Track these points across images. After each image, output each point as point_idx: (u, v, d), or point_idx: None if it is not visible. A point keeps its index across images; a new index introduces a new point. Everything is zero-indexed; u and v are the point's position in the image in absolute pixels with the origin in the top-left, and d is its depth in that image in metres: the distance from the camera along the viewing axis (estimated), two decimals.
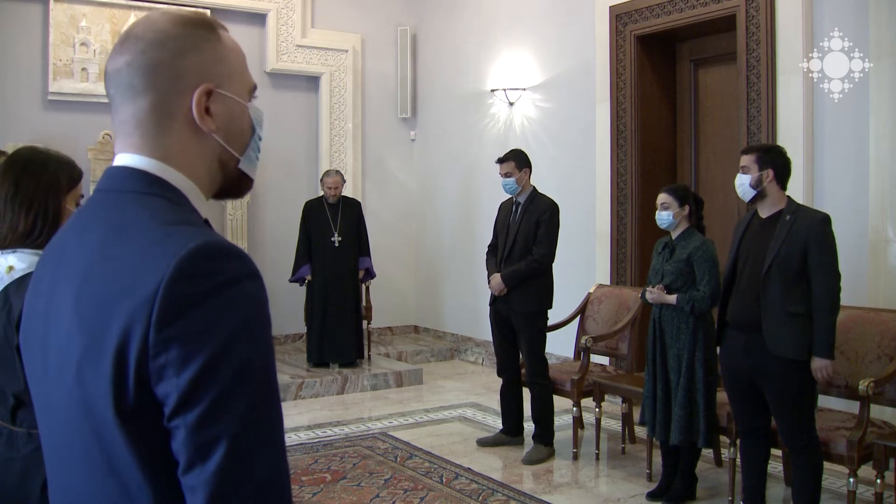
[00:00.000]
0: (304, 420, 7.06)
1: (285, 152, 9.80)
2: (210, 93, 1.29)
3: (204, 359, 1.08)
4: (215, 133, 1.31)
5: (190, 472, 1.09)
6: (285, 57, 9.71)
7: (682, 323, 4.93)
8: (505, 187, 6.05)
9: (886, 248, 5.60)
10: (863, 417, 4.45)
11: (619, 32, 7.58)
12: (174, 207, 1.24)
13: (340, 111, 10.09)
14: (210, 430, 1.08)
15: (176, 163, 1.28)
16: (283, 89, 9.86)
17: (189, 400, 1.08)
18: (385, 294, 9.93)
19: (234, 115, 1.35)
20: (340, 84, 10.08)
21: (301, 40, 9.78)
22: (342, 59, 10.07)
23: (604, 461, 6.00)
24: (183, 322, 1.09)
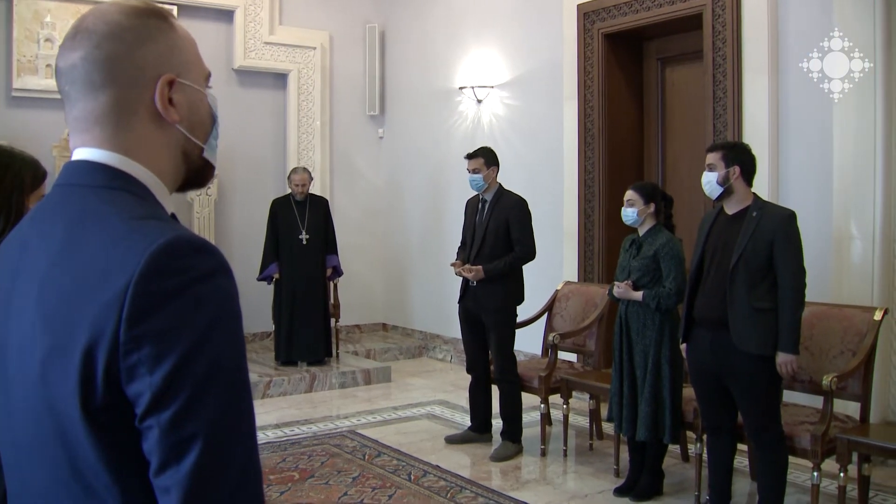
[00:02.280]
0: (272, 419, 7.02)
1: (253, 150, 9.75)
2: (172, 83, 1.27)
3: (178, 356, 1.06)
4: (179, 123, 1.29)
5: (163, 473, 1.07)
6: (253, 54, 9.65)
7: (649, 319, 4.96)
8: (471, 183, 6.05)
9: (850, 245, 5.66)
10: (826, 412, 4.50)
11: (587, 31, 7.61)
12: (139, 202, 1.21)
13: (308, 109, 10.05)
14: (185, 428, 1.06)
15: (139, 156, 1.26)
16: (250, 87, 9.80)
17: (163, 398, 1.06)
18: (353, 292, 9.90)
19: (195, 103, 1.33)
20: (308, 81, 10.04)
21: (269, 37, 9.72)
22: (310, 57, 10.02)
23: (571, 457, 6.01)
24: (155, 319, 1.07)
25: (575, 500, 5.14)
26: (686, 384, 4.93)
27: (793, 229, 4.32)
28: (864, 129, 5.57)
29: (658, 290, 4.91)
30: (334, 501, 5.05)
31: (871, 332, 4.78)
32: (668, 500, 5.09)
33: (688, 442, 5.60)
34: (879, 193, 5.52)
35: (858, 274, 5.60)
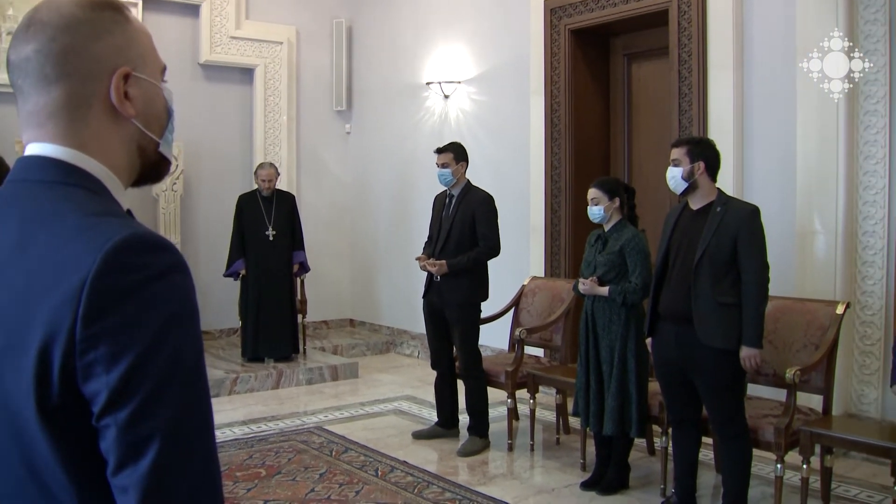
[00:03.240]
0: (238, 415, 6.99)
1: (219, 145, 9.69)
2: (127, 76, 1.25)
3: (134, 355, 1.05)
4: (135, 118, 1.27)
5: (121, 472, 1.06)
6: (219, 49, 9.58)
7: (614, 314, 4.98)
8: (440, 178, 6.05)
9: (813, 240, 5.71)
10: (789, 405, 4.54)
11: (554, 26, 7.63)
12: (94, 198, 1.19)
13: (275, 104, 10.00)
14: (142, 427, 1.05)
15: (94, 151, 1.23)
16: (216, 81, 9.73)
17: (120, 397, 1.04)
18: (320, 288, 9.87)
19: (151, 98, 1.31)
20: (275, 76, 9.98)
21: (235, 32, 9.65)
22: (277, 52, 9.97)
23: (538, 452, 6.04)
24: (111, 317, 1.05)
25: (542, 494, 5.16)
26: (652, 378, 4.96)
27: (756, 224, 4.36)
28: (827, 126, 5.62)
29: (624, 286, 4.93)
30: (301, 498, 5.03)
31: (834, 325, 4.83)
32: (634, 494, 5.11)
33: (653, 435, 5.64)
34: (842, 189, 5.58)
35: (821, 269, 5.66)
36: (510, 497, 5.06)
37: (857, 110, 5.57)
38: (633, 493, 5.12)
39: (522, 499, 5.05)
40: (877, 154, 5.50)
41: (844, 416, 5.49)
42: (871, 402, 5.54)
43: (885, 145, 5.46)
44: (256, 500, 4.97)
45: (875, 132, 5.51)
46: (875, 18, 5.51)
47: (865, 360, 5.57)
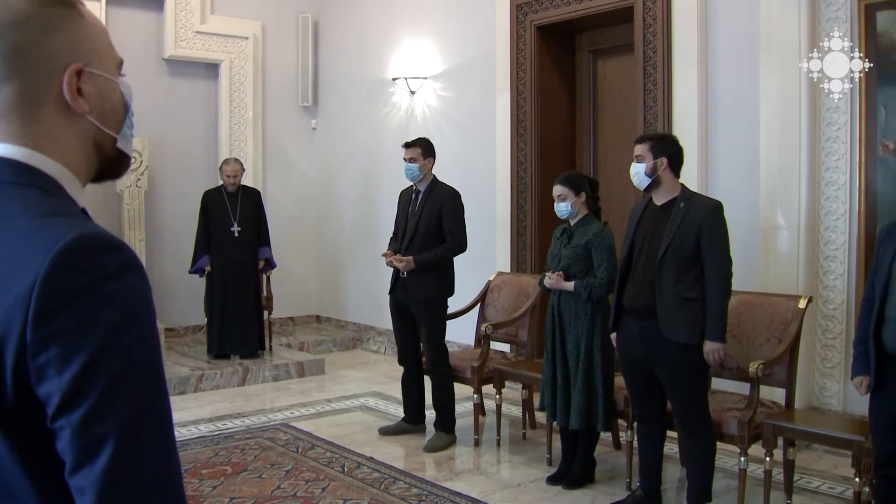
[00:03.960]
0: (204, 413, 6.95)
1: (184, 141, 9.62)
2: (80, 72, 1.23)
3: (86, 356, 1.03)
4: (89, 114, 1.24)
5: (77, 473, 1.05)
6: (184, 43, 9.51)
7: (580, 309, 5.00)
8: (406, 172, 6.04)
9: (776, 235, 5.77)
10: (753, 398, 4.58)
11: (520, 22, 7.64)
12: (48, 198, 1.17)
13: (240, 99, 9.94)
14: (96, 428, 1.04)
15: (48, 150, 1.21)
16: (181, 76, 9.66)
17: (73, 399, 1.03)
18: (286, 284, 9.83)
19: (106, 93, 1.28)
20: (240, 72, 9.93)
21: (200, 27, 9.58)
22: (242, 47, 9.91)
23: (505, 447, 6.05)
24: (62, 319, 1.04)
25: (508, 489, 5.17)
26: (617, 373, 4.98)
27: (720, 220, 4.39)
28: (790, 122, 5.68)
29: (589, 280, 4.95)
30: (267, 495, 5.01)
31: (796, 319, 4.88)
32: (599, 488, 5.14)
33: (619, 430, 5.67)
34: (804, 184, 5.63)
35: (784, 263, 5.72)
36: (476, 492, 5.07)
37: (819, 107, 5.63)
38: (598, 487, 5.14)
39: (489, 494, 5.05)
40: (838, 150, 5.56)
41: (807, 409, 5.55)
42: (833, 395, 5.61)
43: (846, 141, 5.52)
44: (222, 497, 4.94)
45: (837, 129, 5.56)
46: (837, 16, 5.56)
47: (827, 354, 5.63)
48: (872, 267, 3.88)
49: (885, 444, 3.74)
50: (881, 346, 3.70)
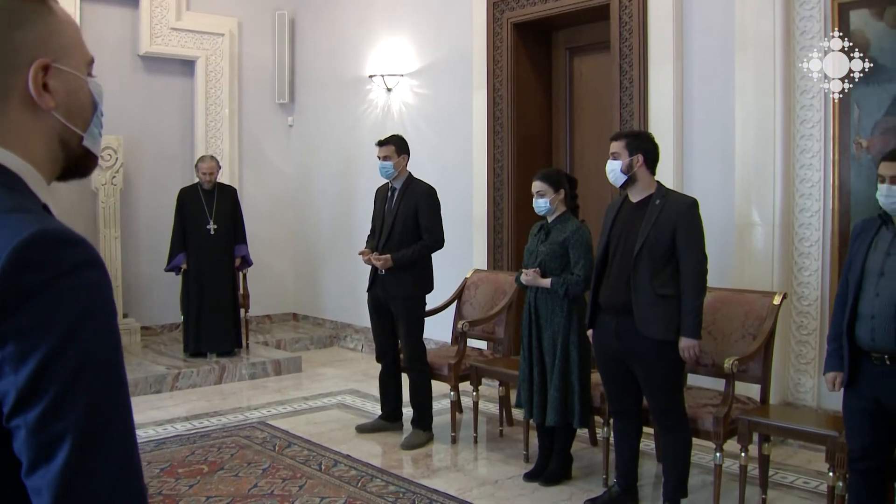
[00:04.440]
0: (180, 411, 6.92)
1: (159, 138, 9.57)
2: (47, 68, 1.21)
3: (43, 353, 1.02)
4: (55, 110, 1.23)
5: (34, 474, 1.03)
6: (159, 40, 9.45)
7: (557, 306, 5.01)
8: (381, 170, 6.03)
9: (751, 232, 5.80)
10: (728, 394, 4.61)
11: (497, 20, 7.65)
12: (9, 193, 1.16)
13: (216, 96, 9.90)
14: (53, 427, 1.02)
15: (11, 144, 1.20)
16: (156, 73, 9.60)
17: (29, 397, 1.02)
18: (263, 282, 9.80)
19: (74, 90, 1.27)
20: (216, 69, 9.88)
21: (176, 23, 9.52)
22: (218, 43, 9.87)
23: (482, 444, 6.06)
24: (19, 316, 1.02)
25: (485, 486, 5.18)
26: (594, 370, 4.99)
27: (695, 216, 4.41)
28: (765, 119, 5.71)
29: (566, 277, 4.96)
30: (244, 493, 4.99)
31: (771, 316, 4.91)
32: (576, 484, 5.15)
33: (596, 426, 5.69)
34: (779, 181, 5.67)
35: (759, 260, 5.75)
36: (454, 489, 5.07)
37: (794, 104, 5.67)
38: (575, 484, 5.16)
39: (466, 491, 5.06)
40: (813, 147, 5.59)
41: (782, 405, 5.58)
42: (808, 390, 5.65)
43: (820, 139, 5.55)
44: (199, 496, 4.93)
45: (811, 126, 5.60)
46: (811, 15, 5.60)
47: (802, 350, 5.67)
48: (846, 263, 3.91)
49: (858, 438, 3.77)
50: (854, 342, 3.73)
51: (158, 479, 5.21)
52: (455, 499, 4.90)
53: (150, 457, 5.63)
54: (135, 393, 7.35)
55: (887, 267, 3.62)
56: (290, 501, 4.85)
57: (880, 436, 3.72)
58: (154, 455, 5.68)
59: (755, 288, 5.42)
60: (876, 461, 3.74)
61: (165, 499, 4.87)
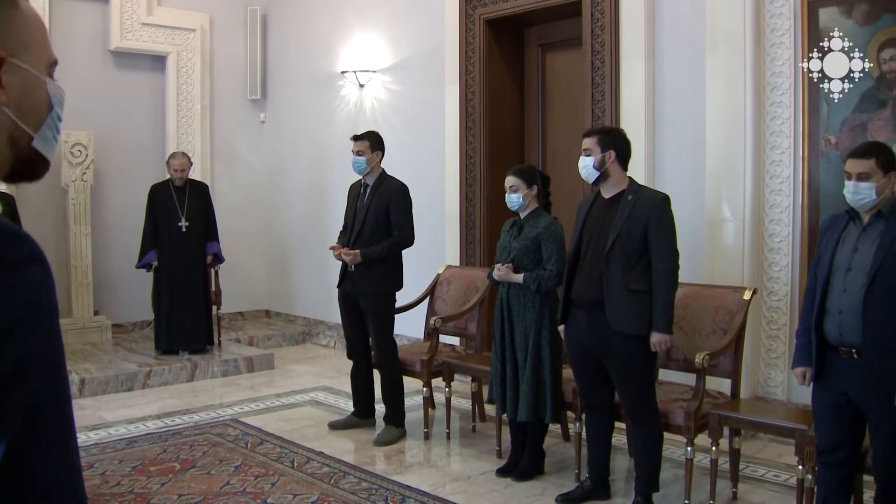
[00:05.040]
0: (152, 409, 6.88)
1: (130, 134, 9.51)
2: (2, 61, 1.18)
3: None
4: (6, 105, 1.19)
5: None
6: (130, 35, 9.38)
7: (529, 302, 5.02)
8: (354, 165, 6.02)
9: (722, 228, 5.84)
10: (699, 389, 4.63)
11: (469, 16, 7.65)
12: None
13: (188, 92, 9.84)
14: None
15: None
16: (127, 69, 9.54)
17: None
18: (235, 279, 9.76)
19: (30, 88, 1.23)
20: (188, 64, 9.83)
21: (147, 18, 9.46)
22: (189, 39, 9.81)
23: (455, 440, 6.06)
24: None
25: (458, 481, 5.18)
26: (566, 365, 5.01)
27: (667, 212, 4.43)
28: (735, 116, 5.75)
29: (539, 273, 4.97)
30: (216, 491, 4.97)
31: (742, 311, 4.95)
32: (549, 479, 5.17)
33: (568, 421, 5.71)
34: (749, 178, 5.71)
35: (730, 255, 5.79)
36: (427, 485, 5.07)
37: (764, 101, 5.71)
38: (548, 479, 5.17)
39: (439, 486, 5.06)
40: (782, 144, 5.64)
41: (752, 399, 5.63)
42: (778, 384, 5.70)
43: (790, 135, 5.60)
44: (170, 494, 4.90)
45: (781, 123, 5.65)
46: (780, 13, 5.64)
47: (772, 345, 5.72)
48: (815, 259, 3.94)
49: (827, 432, 3.81)
50: (823, 337, 3.76)
51: (130, 477, 5.18)
52: (428, 495, 4.91)
53: (121, 455, 5.60)
54: (106, 391, 7.32)
55: (855, 262, 3.65)
56: (263, 499, 4.84)
57: (848, 429, 3.75)
58: (125, 453, 5.65)
59: (726, 283, 5.45)
60: (844, 454, 3.78)
61: (137, 497, 4.84)
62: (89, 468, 5.28)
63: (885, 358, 3.55)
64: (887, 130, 5.20)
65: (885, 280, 3.53)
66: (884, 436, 3.59)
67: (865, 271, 3.59)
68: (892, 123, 5.19)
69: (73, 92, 9.14)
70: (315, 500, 4.81)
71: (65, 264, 8.74)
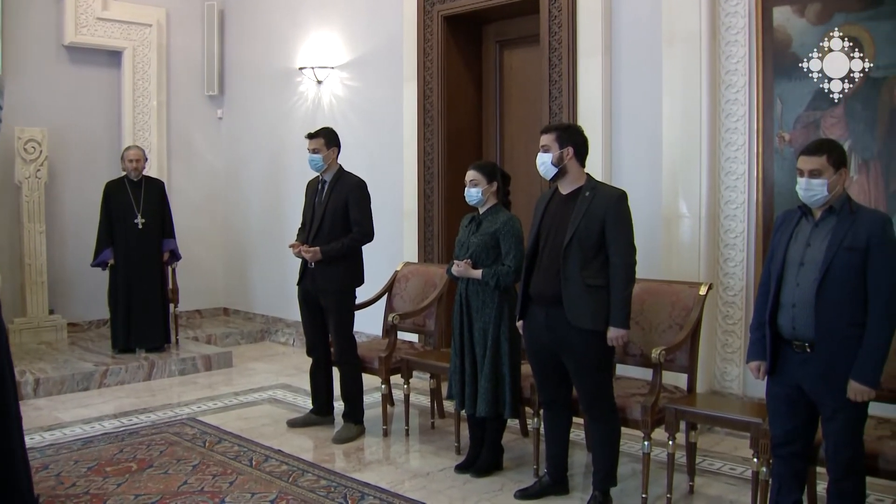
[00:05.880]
0: (108, 409, 6.81)
1: (85, 131, 9.40)
2: None
3: None
4: None
5: None
6: (85, 30, 9.27)
7: (488, 297, 5.03)
8: (311, 163, 5.99)
9: (678, 224, 5.88)
10: (656, 384, 4.67)
11: (427, 12, 7.65)
12: None
13: (144, 88, 9.75)
14: None
15: None
16: (82, 64, 9.42)
17: None
18: (193, 276, 9.70)
19: None
20: (144, 60, 9.73)
21: (102, 13, 9.35)
22: (146, 34, 9.71)
23: (414, 436, 6.06)
24: None
25: (417, 478, 5.18)
26: (524, 360, 5.02)
27: (624, 208, 4.45)
28: (691, 113, 5.80)
29: (497, 269, 4.98)
30: (174, 491, 4.92)
31: (697, 306, 4.99)
32: (507, 475, 5.18)
33: (526, 417, 5.73)
34: (705, 174, 5.77)
35: (686, 251, 5.84)
36: (386, 482, 5.07)
37: (719, 98, 5.77)
38: (506, 474, 5.18)
39: (398, 483, 5.06)
40: (737, 141, 5.70)
41: (708, 394, 5.69)
42: (734, 379, 5.76)
43: (744, 132, 5.66)
44: (127, 495, 4.84)
45: (735, 120, 5.71)
46: (735, 11, 5.70)
47: (728, 339, 5.78)
48: (768, 254, 3.98)
49: (780, 425, 3.85)
50: (777, 331, 3.81)
51: (86, 478, 5.12)
52: (387, 492, 4.90)
53: (77, 455, 5.54)
54: (62, 391, 7.24)
55: (807, 257, 3.70)
56: (221, 498, 4.80)
57: (802, 422, 3.80)
58: (81, 454, 5.58)
59: (682, 279, 5.50)
60: (798, 446, 3.82)
61: (93, 498, 4.78)
62: (44, 469, 5.22)
63: (837, 351, 3.60)
64: (839, 128, 5.28)
65: (836, 275, 3.58)
66: (836, 428, 3.64)
67: (818, 266, 3.63)
68: (843, 121, 5.27)
69: (27, 88, 9.15)
70: (273, 499, 4.78)
71: (19, 262, 8.63)
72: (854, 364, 3.56)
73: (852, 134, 5.24)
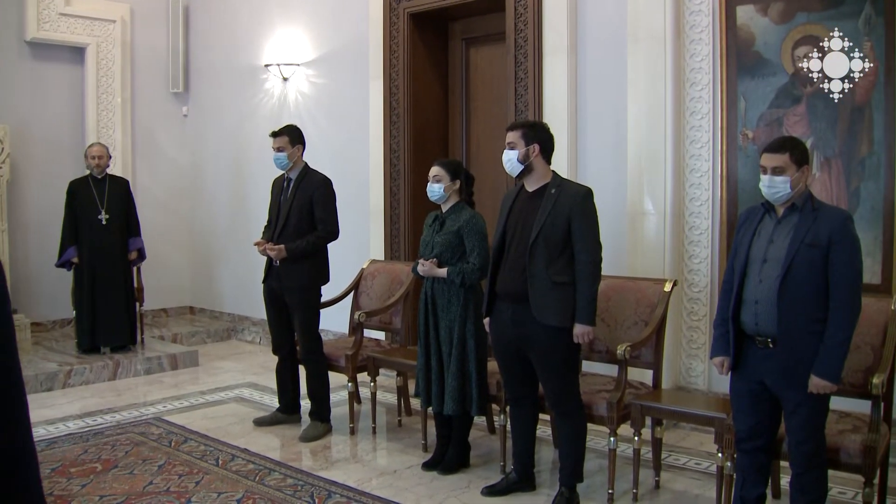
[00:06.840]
0: (73, 409, 6.75)
1: (48, 128, 9.30)
2: None
3: None
4: None
5: None
6: (47, 26, 9.17)
7: (453, 295, 5.03)
8: (276, 162, 5.97)
9: (643, 221, 5.92)
10: (621, 380, 4.70)
11: (393, 10, 7.64)
12: None
13: (108, 85, 9.66)
14: None
15: None
16: (44, 60, 9.32)
17: None
18: (158, 275, 9.63)
19: None
20: (108, 56, 9.65)
21: (64, 8, 9.26)
22: (109, 30, 9.63)
23: (381, 434, 6.06)
24: None
25: (384, 476, 5.18)
26: (490, 358, 5.04)
27: (589, 206, 4.47)
28: (656, 110, 5.83)
29: (462, 266, 4.99)
30: (139, 491, 4.89)
31: (662, 303, 5.03)
32: (474, 472, 5.19)
33: (493, 414, 5.74)
34: (670, 172, 5.80)
35: (651, 248, 5.88)
36: (353, 480, 5.06)
37: (684, 96, 5.81)
38: (473, 472, 5.19)
39: (365, 481, 5.05)
40: (702, 139, 5.74)
41: (674, 389, 5.73)
42: (699, 374, 5.81)
43: (709, 130, 5.71)
44: (92, 496, 4.81)
45: (700, 118, 5.75)
46: (700, 10, 5.74)
47: (693, 336, 5.83)
48: (732, 251, 4.01)
49: (744, 420, 3.89)
50: (740, 327, 3.84)
51: (50, 479, 5.06)
52: (354, 490, 4.89)
53: (41, 457, 5.45)
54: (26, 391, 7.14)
55: (770, 254, 3.74)
56: (187, 498, 4.77)
57: (765, 416, 3.84)
58: (45, 455, 5.52)
59: (647, 275, 5.54)
60: (762, 441, 3.86)
61: (57, 499, 4.74)
62: None
63: (799, 347, 3.64)
64: (801, 126, 5.33)
65: (798, 271, 3.62)
66: (799, 422, 3.68)
67: (780, 263, 3.67)
68: (806, 119, 5.33)
69: None
70: (240, 498, 4.76)
71: None
72: (815, 359, 3.61)
73: (814, 132, 5.29)
